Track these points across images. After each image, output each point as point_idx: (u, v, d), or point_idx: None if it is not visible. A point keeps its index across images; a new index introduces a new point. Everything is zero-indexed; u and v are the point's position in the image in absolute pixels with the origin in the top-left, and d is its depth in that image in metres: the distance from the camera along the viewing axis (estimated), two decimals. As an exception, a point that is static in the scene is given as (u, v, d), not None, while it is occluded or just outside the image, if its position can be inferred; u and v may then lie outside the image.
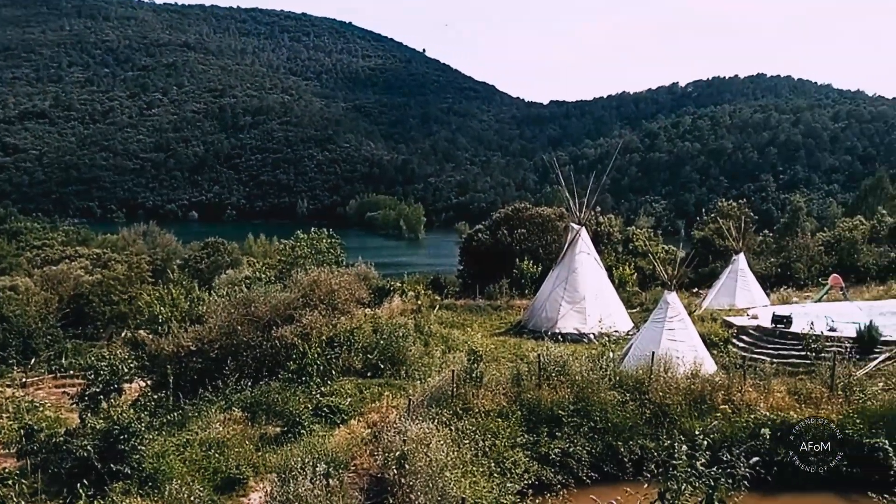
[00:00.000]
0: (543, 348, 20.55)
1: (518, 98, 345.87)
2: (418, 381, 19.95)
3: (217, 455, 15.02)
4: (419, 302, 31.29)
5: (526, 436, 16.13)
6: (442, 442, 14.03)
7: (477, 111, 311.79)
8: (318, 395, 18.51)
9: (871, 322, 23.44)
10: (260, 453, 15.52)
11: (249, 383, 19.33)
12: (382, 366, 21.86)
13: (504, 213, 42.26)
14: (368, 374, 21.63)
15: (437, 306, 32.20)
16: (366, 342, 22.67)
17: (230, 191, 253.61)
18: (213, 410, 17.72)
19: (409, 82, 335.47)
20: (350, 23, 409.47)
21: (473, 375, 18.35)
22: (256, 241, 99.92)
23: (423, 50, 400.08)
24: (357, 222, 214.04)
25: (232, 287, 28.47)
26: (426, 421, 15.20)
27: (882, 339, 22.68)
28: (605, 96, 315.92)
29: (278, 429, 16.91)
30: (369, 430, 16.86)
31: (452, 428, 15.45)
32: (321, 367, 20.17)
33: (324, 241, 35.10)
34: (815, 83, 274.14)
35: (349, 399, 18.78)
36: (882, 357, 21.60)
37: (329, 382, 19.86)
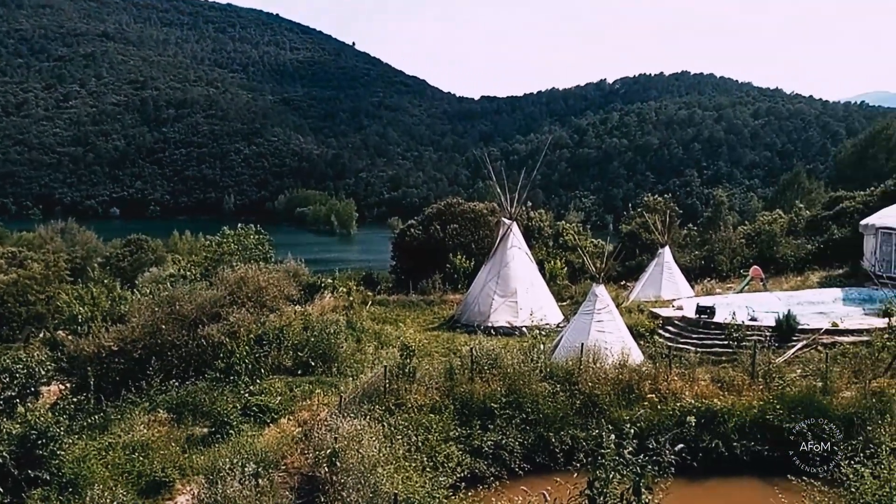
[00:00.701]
0: (476, 342, 20.67)
1: (449, 93, 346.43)
2: (350, 378, 19.84)
3: (141, 458, 14.61)
4: (351, 298, 30.98)
5: (459, 429, 16.25)
6: (374, 438, 14.00)
7: (408, 106, 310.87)
8: (246, 395, 18.19)
9: (789, 311, 24.41)
10: (186, 455, 15.13)
11: (175, 384, 18.75)
12: (313, 363, 21.67)
13: (437, 209, 42.25)
14: (299, 371, 21.38)
15: (370, 302, 31.97)
16: (296, 340, 22.40)
17: (153, 186, 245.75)
18: (137, 412, 17.16)
19: (339, 76, 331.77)
20: (277, 14, 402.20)
21: (406, 371, 18.38)
22: (181, 237, 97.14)
23: (353, 43, 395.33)
24: (287, 218, 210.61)
25: (156, 285, 27.58)
26: (358, 418, 15.14)
27: (799, 327, 23.65)
28: (534, 92, 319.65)
29: (206, 430, 16.53)
30: (300, 429, 16.66)
31: (385, 424, 15.45)
32: (250, 366, 19.79)
33: (251, 237, 34.36)
34: (737, 81, 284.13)
35: (279, 398, 18.52)
36: (800, 345, 22.53)
37: (258, 381, 19.52)
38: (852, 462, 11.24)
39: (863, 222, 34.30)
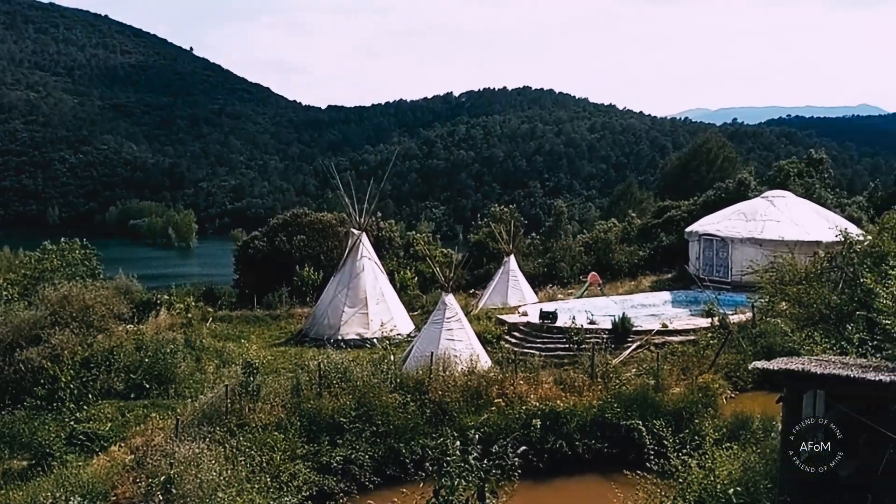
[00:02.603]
0: (325, 356, 20.18)
1: (295, 101, 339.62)
2: (189, 400, 18.74)
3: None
4: (189, 315, 29.41)
5: (306, 446, 15.79)
6: (214, 461, 13.30)
7: (251, 114, 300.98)
8: (72, 422, 16.97)
9: (623, 314, 25.85)
10: (3, 491, 13.65)
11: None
12: (148, 385, 20.47)
13: (283, 219, 41.11)
14: (132, 395, 20.11)
15: (210, 319, 30.48)
16: (128, 361, 21.01)
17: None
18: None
19: (176, 81, 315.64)
20: (106, 16, 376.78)
21: (249, 389, 17.63)
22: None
23: (191, 48, 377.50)
24: (119, 231, 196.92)
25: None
26: (197, 441, 14.34)
27: (634, 329, 25.10)
28: (382, 103, 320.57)
29: (25, 462, 15.05)
30: (132, 456, 15.56)
31: (226, 446, 14.69)
32: (75, 391, 18.43)
33: (77, 252, 31.71)
34: (574, 97, 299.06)
35: (109, 424, 17.38)
36: (634, 345, 23.88)
37: (85, 407, 18.22)
38: (680, 454, 11.92)
39: (687, 229, 37.12)
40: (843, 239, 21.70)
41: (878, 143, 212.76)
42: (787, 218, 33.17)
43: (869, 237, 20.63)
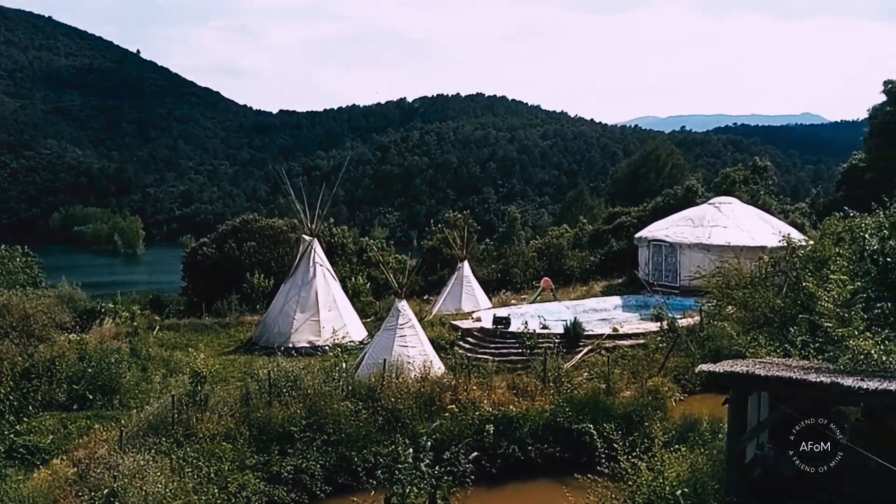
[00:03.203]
0: (275, 364, 19.91)
1: (245, 106, 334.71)
2: (134, 410, 18.32)
3: None
4: (135, 323, 28.70)
5: (255, 456, 15.59)
6: (160, 473, 13.10)
7: (201, 118, 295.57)
8: (11, 435, 16.44)
9: (575, 319, 26.10)
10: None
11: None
12: (91, 396, 19.87)
13: (232, 225, 40.47)
14: (75, 406, 19.51)
15: (157, 327, 29.77)
16: (71, 371, 20.36)
17: None
18: None
19: (123, 85, 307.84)
20: (50, 17, 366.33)
21: (197, 399, 17.33)
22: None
23: (138, 51, 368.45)
24: (63, 238, 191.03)
25: None
26: (142, 452, 14.10)
27: (585, 333, 25.35)
28: (335, 108, 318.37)
29: (-39, 478, 14.42)
30: (75, 469, 15.07)
31: (173, 457, 14.43)
32: (15, 403, 17.87)
33: (17, 259, 30.70)
34: (527, 104, 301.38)
35: (51, 436, 16.87)
36: (586, 350, 24.11)
37: (26, 419, 17.66)
38: (630, 457, 12.05)
39: (637, 235, 37.71)
40: (786, 244, 22.32)
41: (820, 150, 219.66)
42: (733, 224, 33.94)
43: (811, 242, 21.22)
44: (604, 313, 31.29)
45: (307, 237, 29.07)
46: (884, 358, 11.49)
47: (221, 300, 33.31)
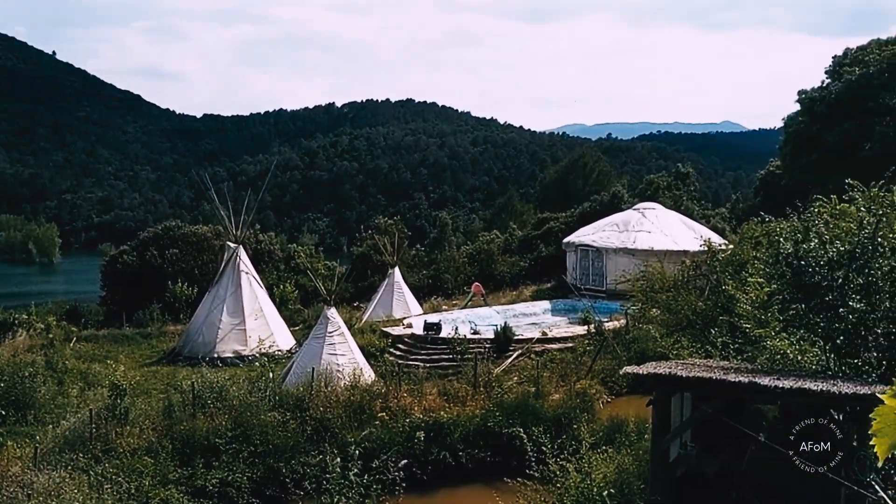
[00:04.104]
0: (199, 375, 19.32)
1: (168, 110, 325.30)
2: (50, 426, 17.51)
3: None
4: (51, 335, 27.42)
5: (179, 470, 15.10)
6: (77, 490, 12.59)
7: (121, 122, 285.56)
8: None
9: (506, 323, 26.31)
10: None
11: None
12: (4, 412, 18.91)
13: (154, 233, 39.26)
14: (-16, 424, 18.41)
15: (75, 339, 28.51)
16: (-20, 387, 19.21)
17: None
18: None
19: (37, 87, 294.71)
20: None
21: (117, 412, 16.68)
22: None
23: (54, 52, 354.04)
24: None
25: None
26: (58, 469, 13.52)
27: (515, 337, 25.58)
28: (262, 112, 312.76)
29: None
30: (-15, 490, 14.22)
31: (91, 473, 13.84)
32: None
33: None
34: (457, 110, 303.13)
35: None
36: (516, 354, 24.30)
37: (-69, 438, 16.50)
38: (559, 460, 12.16)
39: (565, 240, 38.34)
40: (707, 248, 23.04)
41: (739, 157, 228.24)
42: (657, 229, 34.87)
43: (730, 246, 21.95)
44: (533, 317, 31.65)
45: (232, 244, 28.38)
46: (799, 357, 11.94)
47: (143, 310, 32.27)
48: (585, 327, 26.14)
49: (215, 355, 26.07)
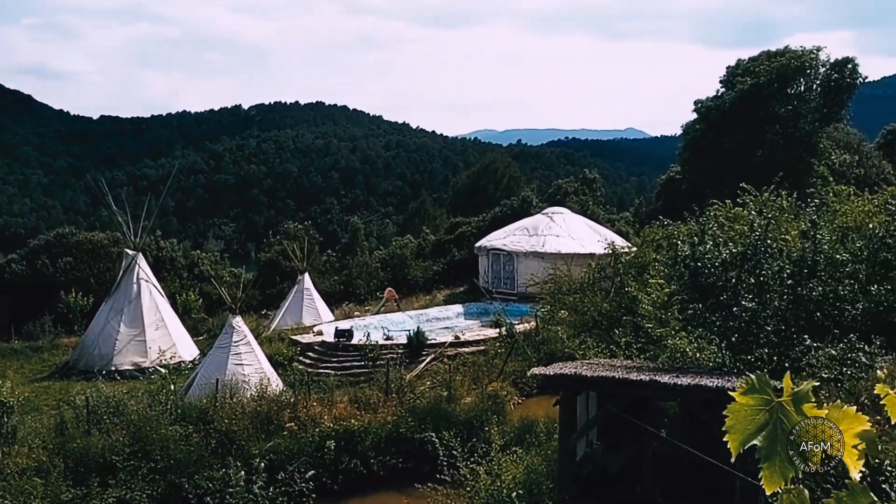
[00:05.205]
0: (94, 389, 18.35)
1: (62, 111, 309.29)
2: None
3: None
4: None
5: (72, 490, 14.36)
6: None
7: (9, 123, 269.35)
8: None
9: (418, 328, 26.22)
10: None
11: None
12: None
13: (45, 240, 37.13)
14: None
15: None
16: None
17: None
18: None
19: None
20: None
21: (3, 431, 15.64)
22: None
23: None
24: None
25: None
26: None
27: (428, 342, 25.53)
28: (164, 114, 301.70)
29: None
30: None
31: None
32: None
33: None
34: (369, 114, 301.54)
35: None
36: (429, 358, 24.25)
37: None
38: (469, 462, 12.17)
39: (477, 244, 38.66)
40: (611, 251, 23.71)
41: (643, 163, 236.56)
42: (565, 233, 35.63)
43: (634, 249, 22.66)
44: (446, 321, 31.72)
45: (131, 251, 27.12)
46: (697, 355, 12.41)
47: (33, 321, 30.44)
48: (497, 330, 26.37)
49: (113, 368, 24.82)
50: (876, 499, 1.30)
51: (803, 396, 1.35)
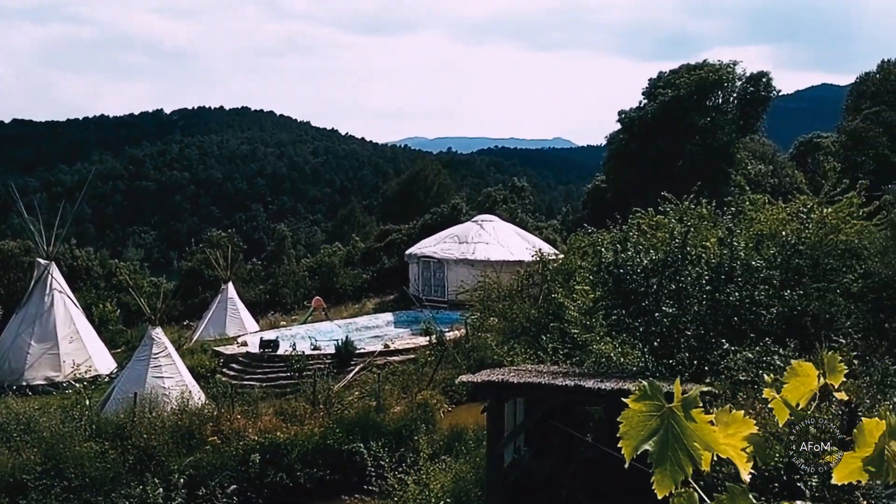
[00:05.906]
0: (3, 406, 17.42)
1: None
2: None
3: None
4: None
5: None
6: None
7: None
8: None
9: (347, 337, 25.92)
10: None
11: None
12: None
13: (-50, 248, 35.09)
14: None
15: None
16: None
17: None
18: None
19: None
20: None
21: None
22: None
23: None
24: None
25: None
26: None
27: (357, 351, 25.26)
28: (80, 118, 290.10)
29: None
30: None
31: None
32: None
33: None
34: (296, 120, 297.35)
35: None
36: (357, 368, 24.00)
37: None
38: (397, 472, 12.06)
39: (407, 252, 38.57)
40: (539, 258, 24.02)
41: (570, 172, 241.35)
42: (494, 240, 35.93)
43: (560, 256, 23.02)
44: (376, 330, 31.50)
45: (43, 261, 25.91)
46: (622, 360, 12.65)
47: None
48: (427, 338, 26.33)
49: (24, 383, 23.62)
50: (755, 501, 1.32)
51: (692, 402, 1.36)
